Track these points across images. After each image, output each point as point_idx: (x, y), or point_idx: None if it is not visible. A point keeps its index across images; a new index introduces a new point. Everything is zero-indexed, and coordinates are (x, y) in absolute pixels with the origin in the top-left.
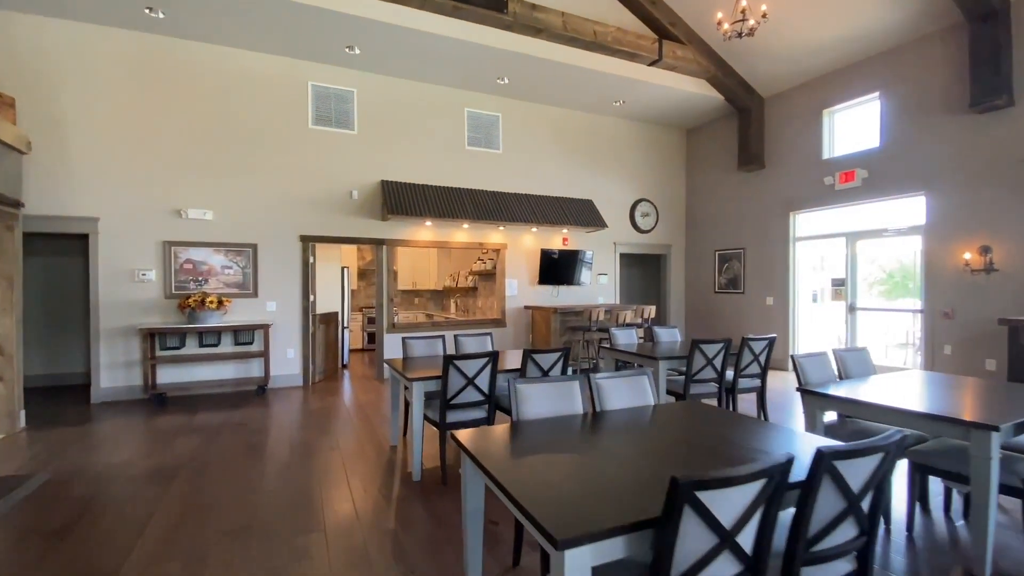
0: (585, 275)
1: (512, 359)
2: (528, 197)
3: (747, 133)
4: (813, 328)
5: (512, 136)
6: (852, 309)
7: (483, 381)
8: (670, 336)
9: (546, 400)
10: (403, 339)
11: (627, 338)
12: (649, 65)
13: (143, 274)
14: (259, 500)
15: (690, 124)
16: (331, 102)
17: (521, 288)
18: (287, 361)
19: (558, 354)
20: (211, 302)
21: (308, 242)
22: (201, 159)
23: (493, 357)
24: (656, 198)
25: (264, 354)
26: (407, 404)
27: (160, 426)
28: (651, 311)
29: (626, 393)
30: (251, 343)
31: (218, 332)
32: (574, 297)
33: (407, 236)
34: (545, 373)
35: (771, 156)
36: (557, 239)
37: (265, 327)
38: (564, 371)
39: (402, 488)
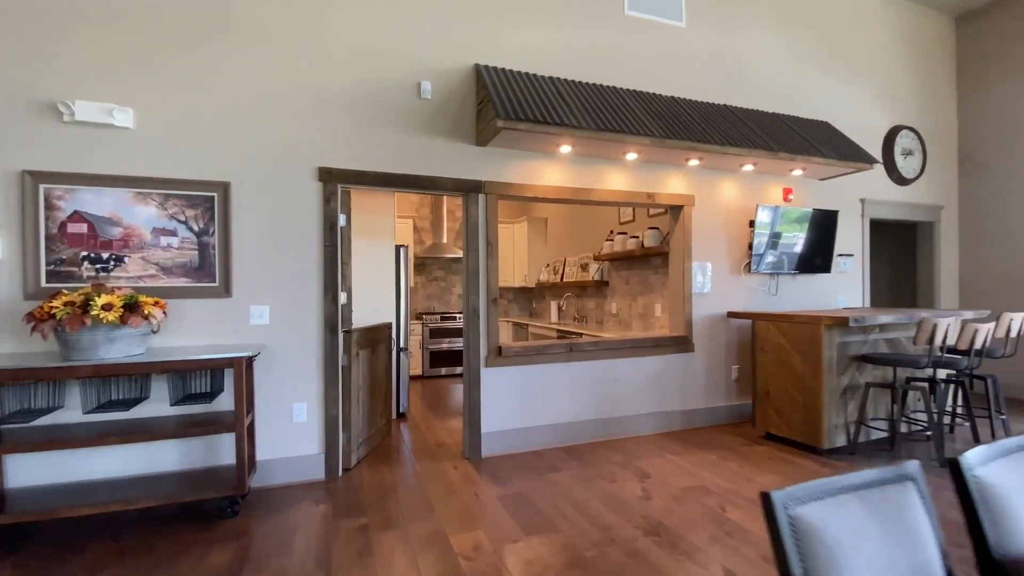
0: (825, 255)
1: None
2: (733, 109)
3: None
4: None
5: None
6: None
7: None
8: None
9: None
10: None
11: None
12: None
13: None
14: None
15: (965, 5)
16: None
17: (717, 278)
18: (292, 429)
19: None
20: (105, 308)
21: (335, 184)
22: None
23: None
24: (921, 126)
25: (238, 420)
26: None
27: None
28: None
29: None
30: (213, 395)
31: (141, 375)
32: (801, 295)
33: (522, 177)
34: None
35: None
36: (774, 190)
37: (241, 362)
38: None
39: None
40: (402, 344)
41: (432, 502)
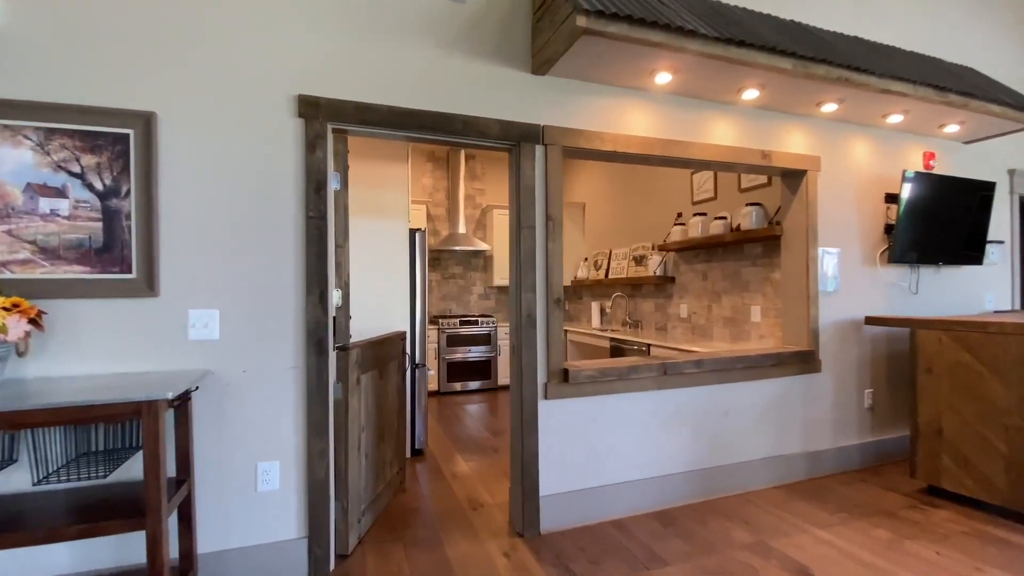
0: (977, 241)
1: None
2: (867, 41)
3: None
4: None
5: None
6: None
7: None
8: None
9: None
10: None
11: None
12: None
13: None
14: None
15: None
16: None
17: (846, 272)
18: (257, 503)
19: None
20: None
21: (323, 123)
22: None
23: None
24: None
25: (150, 509)
26: None
27: None
28: None
29: None
30: (115, 459)
31: None
32: (945, 294)
33: (596, 122)
34: None
35: None
36: (913, 154)
37: (157, 407)
38: None
39: None
40: (419, 359)
41: None
